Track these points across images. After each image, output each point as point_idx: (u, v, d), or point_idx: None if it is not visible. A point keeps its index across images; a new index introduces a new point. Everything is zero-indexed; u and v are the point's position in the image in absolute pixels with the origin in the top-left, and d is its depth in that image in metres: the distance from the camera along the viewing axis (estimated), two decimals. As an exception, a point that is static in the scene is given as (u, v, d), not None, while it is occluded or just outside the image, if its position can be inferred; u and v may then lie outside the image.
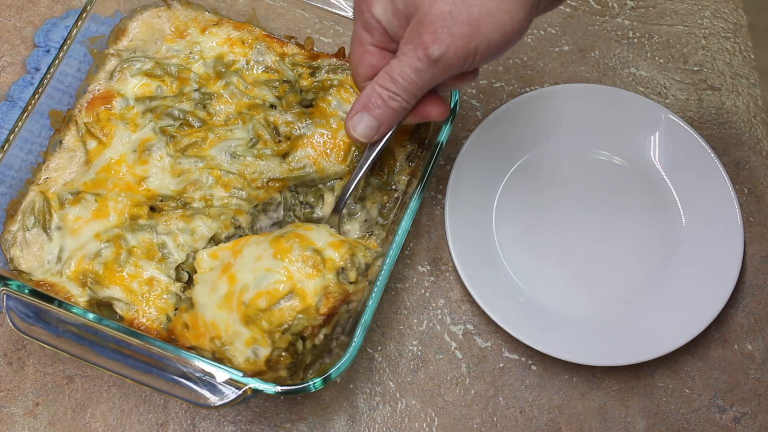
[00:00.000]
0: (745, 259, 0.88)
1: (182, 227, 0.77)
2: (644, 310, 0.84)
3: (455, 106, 0.81)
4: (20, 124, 0.79)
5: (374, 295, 0.73)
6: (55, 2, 0.98)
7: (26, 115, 0.80)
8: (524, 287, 0.86)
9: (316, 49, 0.89)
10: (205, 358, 0.70)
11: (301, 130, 0.82)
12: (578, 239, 0.88)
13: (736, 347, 0.85)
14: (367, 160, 0.75)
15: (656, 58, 0.97)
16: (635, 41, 0.98)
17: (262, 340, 0.69)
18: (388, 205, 0.83)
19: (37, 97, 0.81)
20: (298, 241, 0.71)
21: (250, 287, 0.70)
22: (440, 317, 0.86)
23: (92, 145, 0.83)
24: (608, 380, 0.84)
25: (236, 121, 0.83)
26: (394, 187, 0.84)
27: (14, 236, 0.80)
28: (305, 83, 0.86)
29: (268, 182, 0.80)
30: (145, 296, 0.76)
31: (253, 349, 0.69)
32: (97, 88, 0.85)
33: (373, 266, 0.73)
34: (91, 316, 0.72)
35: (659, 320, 0.83)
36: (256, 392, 0.70)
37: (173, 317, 0.75)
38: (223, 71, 0.85)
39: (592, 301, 0.85)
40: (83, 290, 0.76)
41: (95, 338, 0.75)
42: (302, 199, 0.83)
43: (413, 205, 0.77)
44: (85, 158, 0.83)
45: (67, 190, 0.81)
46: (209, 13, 0.89)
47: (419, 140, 0.85)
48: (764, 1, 1.84)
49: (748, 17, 1.01)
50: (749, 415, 0.83)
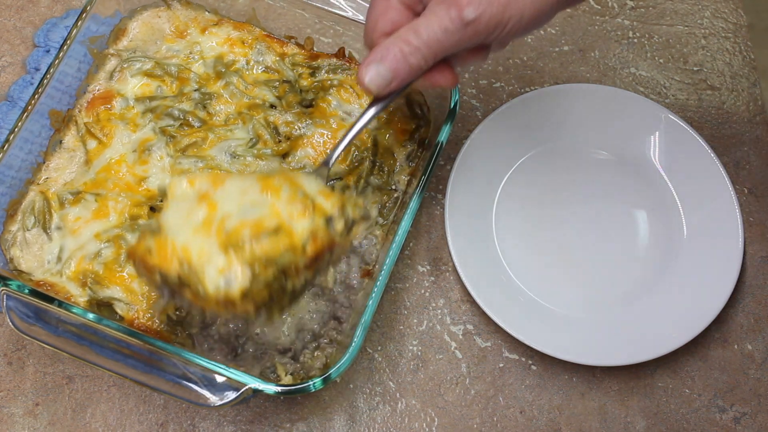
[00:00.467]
0: (745, 259, 0.88)
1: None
2: (644, 310, 0.84)
3: (455, 106, 0.81)
4: (20, 124, 0.79)
5: (374, 295, 0.73)
6: (55, 2, 0.98)
7: (26, 115, 0.80)
8: (524, 287, 0.86)
9: (316, 49, 0.89)
10: (169, 280, 0.66)
11: (301, 130, 0.82)
12: (578, 239, 0.88)
13: (736, 347, 0.85)
14: (366, 114, 0.72)
15: (656, 58, 0.97)
16: (635, 41, 0.98)
17: (240, 269, 0.64)
18: (388, 205, 0.83)
19: (37, 97, 0.81)
20: (288, 182, 0.68)
21: (233, 216, 0.66)
22: (440, 317, 0.86)
23: (92, 145, 0.83)
24: (608, 380, 0.84)
25: (236, 121, 0.83)
26: (394, 187, 0.84)
27: (14, 236, 0.80)
28: (305, 83, 0.86)
29: (268, 182, 0.80)
30: (145, 296, 0.76)
31: (225, 277, 0.64)
32: (97, 88, 0.85)
33: (357, 226, 0.71)
34: (91, 316, 0.72)
35: (659, 320, 0.83)
36: (256, 392, 0.70)
37: (133, 243, 0.70)
38: (223, 71, 0.85)
39: (592, 301, 0.85)
40: (83, 290, 0.76)
41: (95, 338, 0.75)
42: (302, 199, 0.83)
43: (413, 205, 0.77)
44: (85, 158, 0.83)
45: (67, 190, 0.81)
46: (209, 13, 0.89)
47: (419, 140, 0.85)
48: (764, 1, 1.84)
49: (748, 17, 1.01)
50: (749, 415, 0.83)
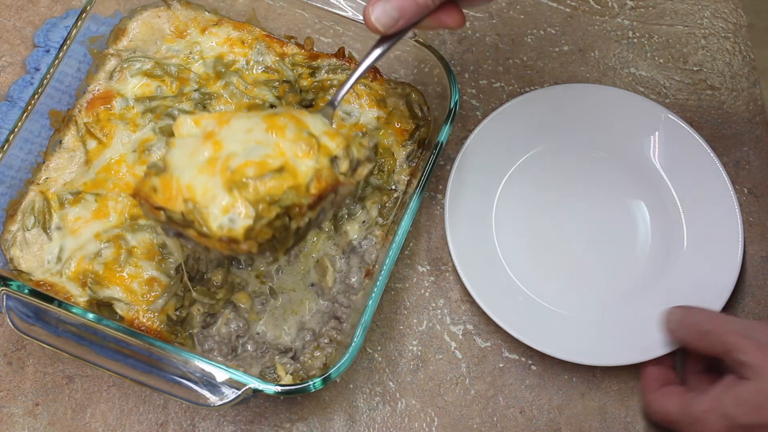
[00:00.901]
0: (745, 259, 0.88)
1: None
2: (644, 309, 0.84)
3: (455, 106, 0.81)
4: (20, 124, 0.79)
5: (374, 295, 0.73)
6: (55, 2, 0.98)
7: (26, 115, 0.80)
8: (524, 287, 0.85)
9: (316, 49, 0.89)
10: (174, 218, 0.66)
11: (301, 130, 0.82)
12: (578, 239, 0.88)
13: (736, 347, 0.85)
14: (372, 54, 0.73)
15: (656, 58, 0.97)
16: (635, 41, 0.98)
17: (243, 208, 0.64)
18: (387, 205, 0.83)
19: (37, 97, 0.81)
20: (293, 121, 0.68)
21: (238, 155, 0.66)
22: (440, 317, 0.86)
23: (92, 145, 0.83)
24: (608, 380, 0.84)
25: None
26: (394, 187, 0.84)
27: (14, 236, 0.80)
28: (305, 83, 0.86)
29: (268, 182, 0.80)
30: (145, 296, 0.76)
31: (229, 216, 0.64)
32: (96, 88, 0.85)
33: (362, 167, 0.71)
34: (91, 316, 0.72)
35: (659, 320, 0.83)
36: (256, 392, 0.70)
37: (138, 180, 0.70)
38: (222, 71, 0.85)
39: (591, 300, 0.85)
40: (83, 290, 0.76)
41: (95, 338, 0.75)
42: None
43: (413, 205, 0.77)
44: (85, 158, 0.83)
45: (67, 190, 0.81)
46: (209, 13, 0.89)
47: (419, 140, 0.85)
48: (764, 1, 1.84)
49: (748, 17, 1.01)
50: (749, 415, 0.83)
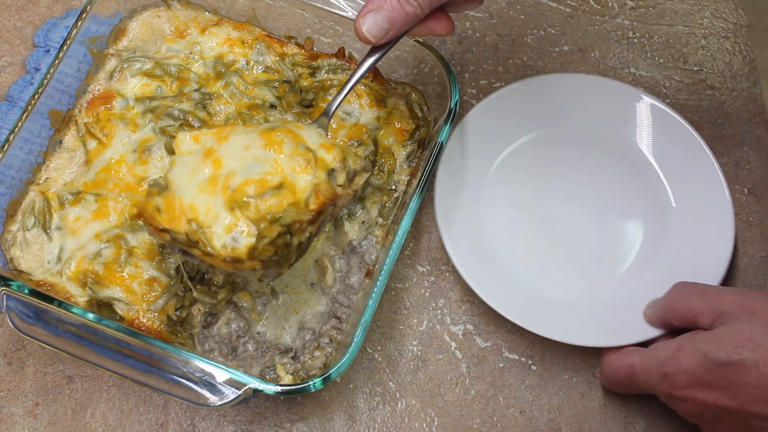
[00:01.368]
0: (745, 259, 0.88)
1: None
2: (642, 290, 0.84)
3: (455, 106, 0.81)
4: (20, 124, 0.79)
5: (374, 295, 0.73)
6: (55, 2, 0.98)
7: (26, 115, 0.80)
8: (520, 274, 0.86)
9: (316, 49, 0.89)
10: (178, 239, 0.67)
11: (301, 130, 0.82)
12: (572, 224, 0.89)
13: (736, 347, 0.85)
14: (365, 64, 0.75)
15: (656, 58, 0.97)
16: (635, 41, 0.98)
17: (246, 227, 0.66)
18: (388, 205, 0.83)
19: (37, 97, 0.81)
20: (289, 136, 0.69)
21: (237, 173, 0.67)
22: (440, 317, 0.86)
23: (92, 145, 0.83)
24: (608, 380, 0.84)
25: (236, 121, 0.83)
26: (394, 187, 0.84)
27: (14, 236, 0.80)
28: (305, 83, 0.86)
29: (268, 182, 0.80)
30: (145, 296, 0.76)
31: (232, 236, 0.65)
32: (97, 88, 0.85)
33: (359, 177, 0.72)
34: (91, 316, 0.72)
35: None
36: (256, 392, 0.70)
37: (142, 201, 0.71)
38: (223, 71, 0.85)
39: (589, 284, 0.86)
40: (83, 290, 0.76)
41: (95, 338, 0.75)
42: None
43: (413, 205, 0.77)
44: (85, 158, 0.83)
45: (67, 190, 0.81)
46: (209, 13, 0.89)
47: (419, 140, 0.85)
48: (764, 1, 1.84)
49: (748, 17, 1.01)
50: (749, 415, 0.83)
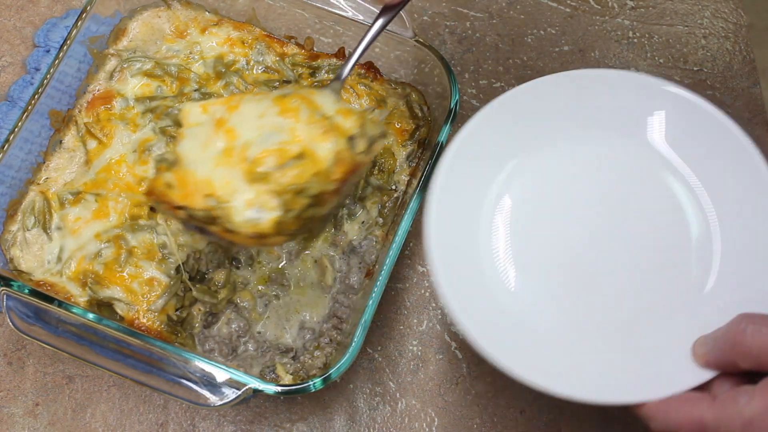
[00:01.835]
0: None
1: (183, 227, 0.77)
2: (690, 326, 0.67)
3: (455, 106, 0.81)
4: (20, 124, 0.79)
5: (374, 295, 0.73)
6: (55, 2, 0.98)
7: (26, 115, 0.80)
8: (533, 319, 0.70)
9: (316, 49, 0.89)
10: (195, 216, 0.63)
11: (301, 130, 0.82)
12: (595, 253, 0.71)
13: (736, 347, 0.85)
14: (377, 23, 0.73)
15: (656, 58, 0.97)
16: (635, 41, 0.98)
17: (268, 201, 0.62)
18: (388, 205, 0.83)
19: (37, 97, 0.81)
20: (304, 102, 0.66)
21: (254, 143, 0.63)
22: (440, 317, 0.86)
23: (92, 145, 0.83)
24: (608, 380, 0.84)
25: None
26: (394, 187, 0.84)
27: (14, 236, 0.80)
28: (305, 83, 0.86)
29: (268, 182, 0.80)
30: (145, 296, 0.76)
31: (255, 210, 0.62)
32: (97, 88, 0.85)
33: (377, 143, 0.68)
34: (91, 316, 0.72)
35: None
36: (256, 392, 0.70)
37: (151, 178, 0.67)
38: (223, 71, 0.85)
39: (619, 324, 0.69)
40: (83, 290, 0.76)
41: (95, 338, 0.75)
42: (302, 199, 0.83)
43: (413, 205, 0.77)
44: (85, 158, 0.83)
45: (67, 190, 0.81)
46: (209, 13, 0.89)
47: (419, 140, 0.85)
48: (764, 1, 1.84)
49: (748, 17, 1.01)
50: (749, 415, 0.83)
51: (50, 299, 0.73)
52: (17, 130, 0.79)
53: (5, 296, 0.73)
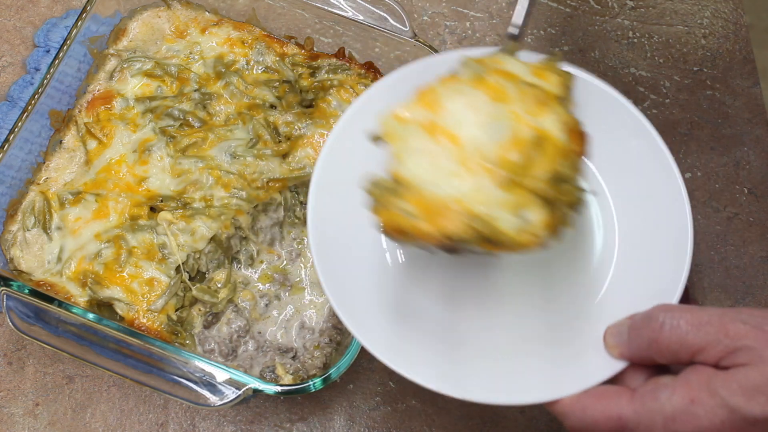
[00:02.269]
0: (745, 259, 0.88)
1: (183, 227, 0.77)
2: (597, 313, 0.65)
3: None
4: (20, 124, 0.79)
5: (374, 295, 0.73)
6: (55, 2, 0.98)
7: (26, 115, 0.80)
8: (436, 320, 0.65)
9: (316, 49, 0.89)
10: (459, 241, 0.55)
11: (301, 130, 0.82)
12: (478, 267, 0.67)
13: (736, 347, 0.85)
14: None
15: (656, 58, 0.97)
16: (635, 41, 0.98)
17: (531, 200, 0.56)
18: (388, 205, 0.83)
19: (37, 97, 0.81)
20: (503, 76, 0.59)
21: (484, 142, 0.56)
22: (440, 317, 0.86)
23: (92, 145, 0.83)
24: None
25: (236, 121, 0.83)
26: (394, 187, 0.84)
27: (14, 236, 0.80)
28: (305, 83, 0.86)
29: (268, 182, 0.80)
30: (145, 296, 0.76)
31: (521, 215, 0.55)
32: (97, 88, 0.85)
33: (567, 99, 0.60)
34: (91, 316, 0.72)
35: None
36: (256, 392, 0.70)
37: (387, 218, 0.57)
38: (223, 71, 0.85)
39: (523, 320, 0.65)
40: (83, 290, 0.76)
41: (95, 338, 0.75)
42: (302, 199, 0.83)
43: (413, 205, 0.77)
44: (85, 158, 0.83)
45: (67, 190, 0.81)
46: (209, 13, 0.89)
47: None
48: (764, 1, 1.84)
49: (748, 17, 1.01)
50: (749, 415, 0.83)
51: (50, 299, 0.73)
52: (17, 130, 0.79)
53: (5, 296, 0.73)
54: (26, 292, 0.73)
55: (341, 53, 0.88)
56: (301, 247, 0.82)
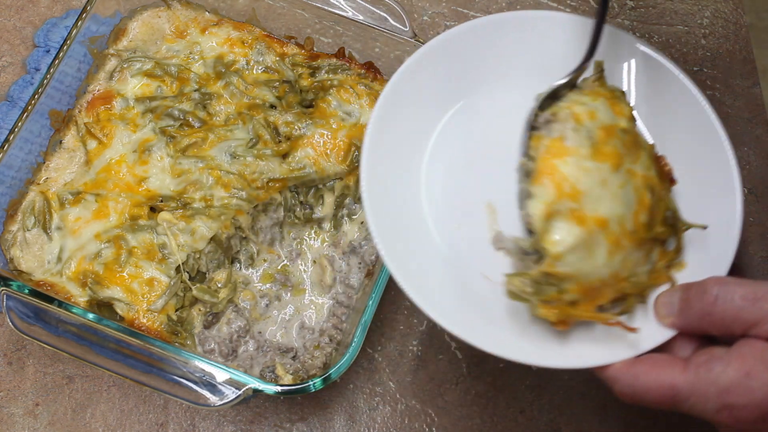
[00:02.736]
0: (745, 258, 0.88)
1: (183, 227, 0.77)
2: None
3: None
4: (20, 124, 0.79)
5: (374, 295, 0.73)
6: (55, 2, 0.98)
7: (26, 115, 0.80)
8: (481, 282, 0.67)
9: (316, 49, 0.89)
10: (608, 306, 0.63)
11: (301, 130, 0.82)
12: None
13: (736, 347, 0.85)
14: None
15: (656, 58, 0.97)
16: (635, 41, 0.98)
17: (653, 247, 0.63)
18: (388, 205, 0.83)
19: (37, 97, 0.81)
20: (608, 135, 0.62)
21: (623, 215, 0.61)
22: (440, 317, 0.86)
23: (92, 145, 0.83)
24: (608, 380, 0.84)
25: (236, 121, 0.83)
26: (394, 187, 0.84)
27: (14, 236, 0.80)
28: (305, 83, 0.86)
29: (268, 182, 0.80)
30: (145, 296, 0.76)
31: (650, 259, 0.63)
32: (97, 88, 0.85)
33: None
34: (91, 316, 0.72)
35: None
36: (256, 392, 0.70)
37: (560, 316, 0.62)
38: (223, 71, 0.85)
39: None
40: (83, 290, 0.76)
41: (95, 338, 0.75)
42: (302, 199, 0.83)
43: (413, 205, 0.77)
44: (85, 158, 0.83)
45: (67, 190, 0.81)
46: (209, 13, 0.89)
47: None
48: (764, 1, 1.84)
49: (748, 17, 1.01)
50: (749, 415, 0.83)
51: (50, 299, 0.73)
52: (17, 130, 0.79)
53: (5, 296, 0.73)
54: (26, 292, 0.73)
55: (341, 53, 0.88)
56: (301, 246, 0.82)
